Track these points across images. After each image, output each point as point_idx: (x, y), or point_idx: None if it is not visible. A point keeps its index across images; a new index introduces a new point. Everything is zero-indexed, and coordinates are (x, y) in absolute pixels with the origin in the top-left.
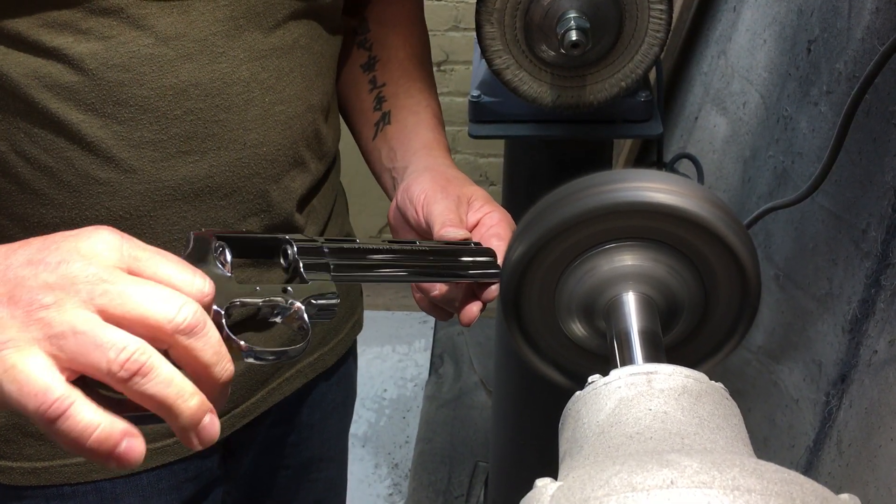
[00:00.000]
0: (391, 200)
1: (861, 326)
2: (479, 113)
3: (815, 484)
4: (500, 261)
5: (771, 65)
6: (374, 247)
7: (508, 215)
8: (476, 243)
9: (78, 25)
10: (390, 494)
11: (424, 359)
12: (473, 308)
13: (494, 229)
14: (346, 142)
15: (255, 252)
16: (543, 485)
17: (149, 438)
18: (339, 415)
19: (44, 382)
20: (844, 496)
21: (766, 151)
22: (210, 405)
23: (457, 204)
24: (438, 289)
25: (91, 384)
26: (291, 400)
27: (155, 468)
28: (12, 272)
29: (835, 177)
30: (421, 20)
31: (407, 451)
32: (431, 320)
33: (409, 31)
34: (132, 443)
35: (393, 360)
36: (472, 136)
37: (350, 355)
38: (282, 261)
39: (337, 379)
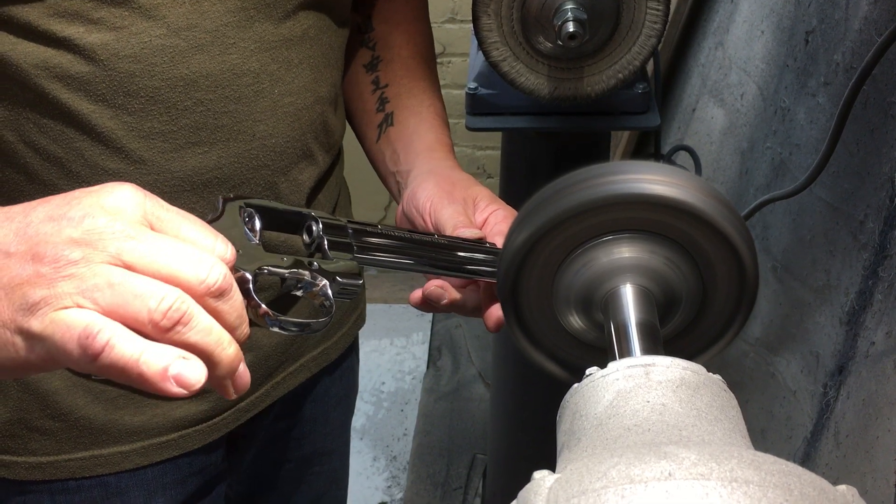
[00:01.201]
0: (397, 204)
1: (859, 318)
2: (477, 105)
3: (813, 475)
4: None
5: (768, 56)
6: (397, 233)
7: (514, 213)
8: (491, 244)
9: (89, 15)
10: (388, 487)
11: (422, 351)
12: (499, 311)
13: (499, 226)
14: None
15: (279, 225)
16: (541, 477)
17: (153, 433)
18: (342, 409)
19: (83, 321)
20: (842, 487)
21: (763, 143)
22: (241, 354)
23: (464, 207)
24: (449, 297)
25: None
26: (295, 394)
27: (159, 462)
28: (33, 228)
29: (832, 168)
30: (425, 17)
31: (405, 443)
32: (429, 313)
33: (413, 29)
34: (186, 364)
35: (391, 353)
36: (469, 128)
37: (353, 350)
38: (305, 236)
39: (340, 373)
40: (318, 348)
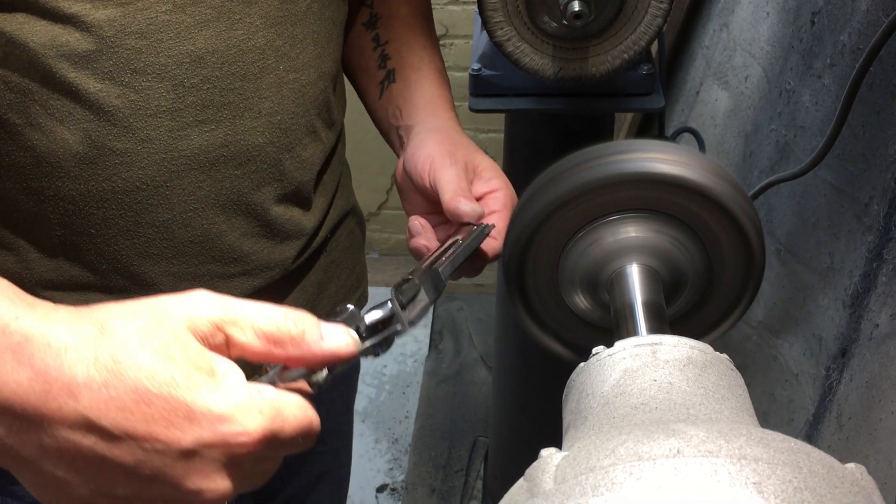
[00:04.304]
0: (398, 158)
1: (862, 300)
2: (480, 86)
3: (822, 453)
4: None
5: (774, 38)
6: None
7: (514, 197)
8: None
9: None
10: (390, 469)
11: (424, 335)
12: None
13: (495, 217)
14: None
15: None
16: (548, 454)
17: None
18: (344, 387)
19: None
20: (850, 465)
21: (768, 125)
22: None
23: (464, 171)
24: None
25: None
26: None
27: None
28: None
29: (837, 150)
30: None
31: (407, 426)
32: None
33: None
34: None
35: None
36: (472, 109)
37: None
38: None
39: None
40: None
